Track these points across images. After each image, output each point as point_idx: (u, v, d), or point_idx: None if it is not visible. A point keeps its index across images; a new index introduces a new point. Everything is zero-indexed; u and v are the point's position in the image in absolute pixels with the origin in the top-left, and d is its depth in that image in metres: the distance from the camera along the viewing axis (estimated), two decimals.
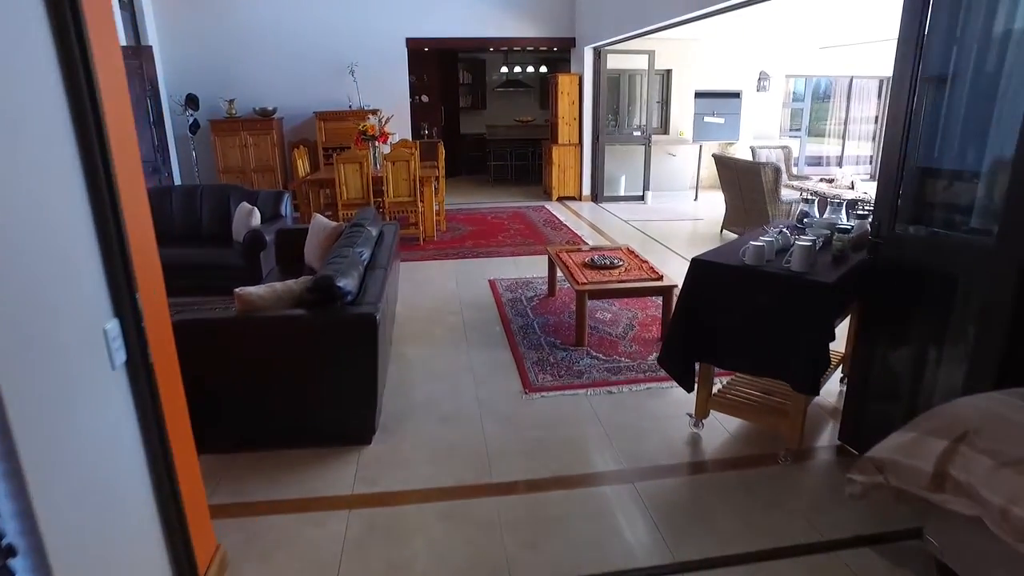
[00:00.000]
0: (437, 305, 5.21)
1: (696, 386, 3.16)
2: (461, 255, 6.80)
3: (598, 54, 9.49)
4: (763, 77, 11.37)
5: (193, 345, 2.39)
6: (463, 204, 9.85)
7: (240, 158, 8.86)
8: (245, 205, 5.60)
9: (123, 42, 7.79)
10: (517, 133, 12.15)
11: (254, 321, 2.89)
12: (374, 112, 8.82)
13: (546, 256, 5.37)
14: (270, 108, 9.06)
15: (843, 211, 3.49)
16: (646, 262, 4.70)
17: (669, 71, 10.43)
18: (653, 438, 3.21)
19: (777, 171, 6.69)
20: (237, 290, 2.95)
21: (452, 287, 5.68)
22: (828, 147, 12.78)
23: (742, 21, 8.79)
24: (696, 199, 10.45)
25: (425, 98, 11.25)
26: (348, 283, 2.98)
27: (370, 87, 9.36)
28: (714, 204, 10.00)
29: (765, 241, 2.99)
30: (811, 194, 7.13)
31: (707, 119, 10.85)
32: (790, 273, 2.81)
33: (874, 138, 12.72)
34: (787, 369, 2.80)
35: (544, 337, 4.48)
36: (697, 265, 3.07)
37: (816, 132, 12.65)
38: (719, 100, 10.86)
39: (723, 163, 7.60)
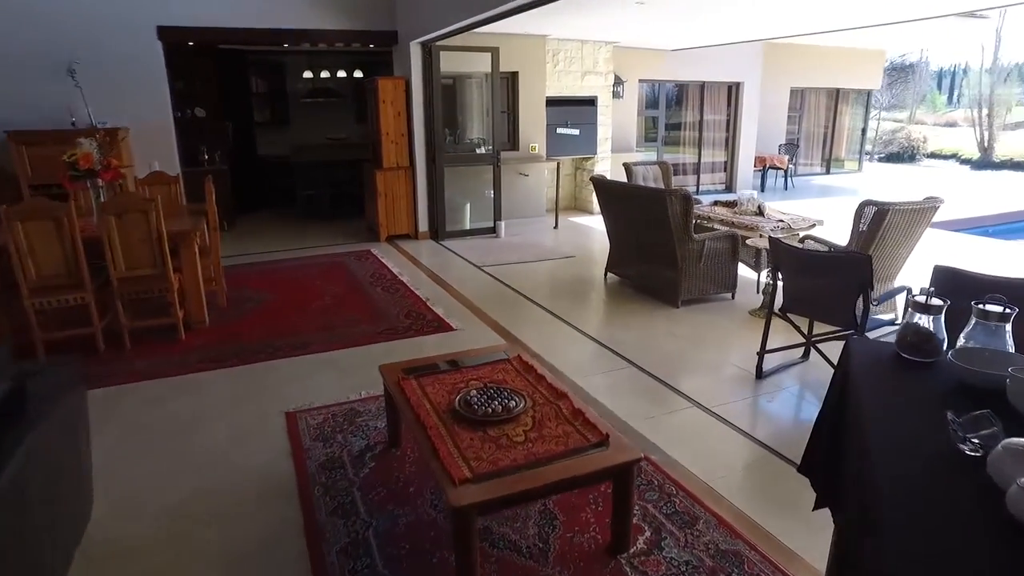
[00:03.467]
0: (183, 503, 2.77)
1: None
2: (245, 356, 4.34)
3: (428, 52, 7.38)
4: (618, 82, 9.93)
5: None
6: (260, 255, 7.25)
7: None
8: None
9: None
10: (331, 154, 9.69)
11: None
12: (110, 132, 6.00)
13: (382, 344, 3.12)
14: None
15: (1008, 334, 1.69)
16: (564, 397, 2.65)
17: (515, 74, 8.61)
18: None
19: (687, 200, 5.00)
20: None
21: (218, 444, 3.25)
22: (684, 155, 11.74)
23: (593, 16, 7.15)
24: (556, 226, 8.70)
25: (200, 112, 8.45)
26: None
27: (106, 96, 6.50)
28: (577, 234, 8.32)
29: None
30: (777, 228, 5.57)
31: (561, 130, 9.18)
32: None
33: (727, 145, 11.89)
34: None
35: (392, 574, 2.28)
36: None
37: (670, 140, 11.54)
38: (573, 108, 9.25)
39: (607, 189, 5.82)
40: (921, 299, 1.79)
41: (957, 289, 3.08)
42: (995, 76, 26.61)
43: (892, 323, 3.65)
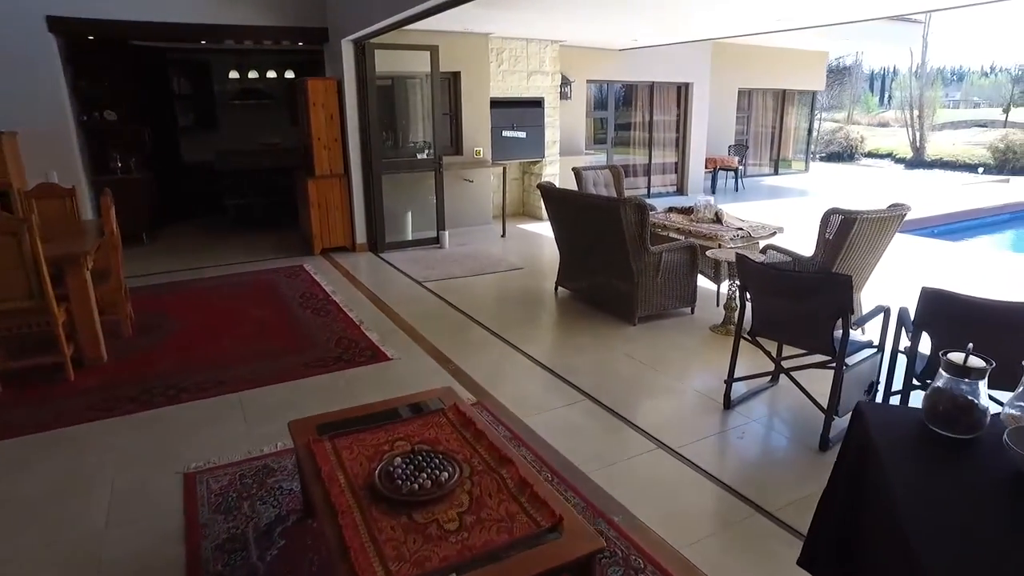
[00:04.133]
0: None
1: None
2: (145, 399, 3.74)
3: (362, 50, 6.84)
4: (565, 83, 9.55)
5: None
6: (180, 273, 6.57)
7: None
8: None
9: None
10: (263, 161, 9.01)
11: None
12: None
13: (308, 380, 2.61)
14: None
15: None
16: (508, 463, 2.19)
17: (457, 74, 8.12)
18: None
19: (642, 210, 4.61)
20: None
21: (91, 526, 2.67)
22: (634, 156, 11.46)
23: (531, 11, 6.74)
24: (504, 235, 8.26)
25: (111, 115, 7.68)
26: None
27: None
28: (526, 242, 7.91)
29: None
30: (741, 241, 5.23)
31: (507, 133, 8.75)
32: None
33: (678, 146, 11.67)
34: None
35: None
36: None
37: (620, 141, 11.25)
38: (519, 110, 8.83)
39: (556, 198, 5.40)
40: (957, 358, 1.39)
41: (948, 314, 2.77)
42: (923, 80, 27.47)
43: (870, 345, 3.32)
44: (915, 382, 2.92)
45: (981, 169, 19.94)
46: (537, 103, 9.01)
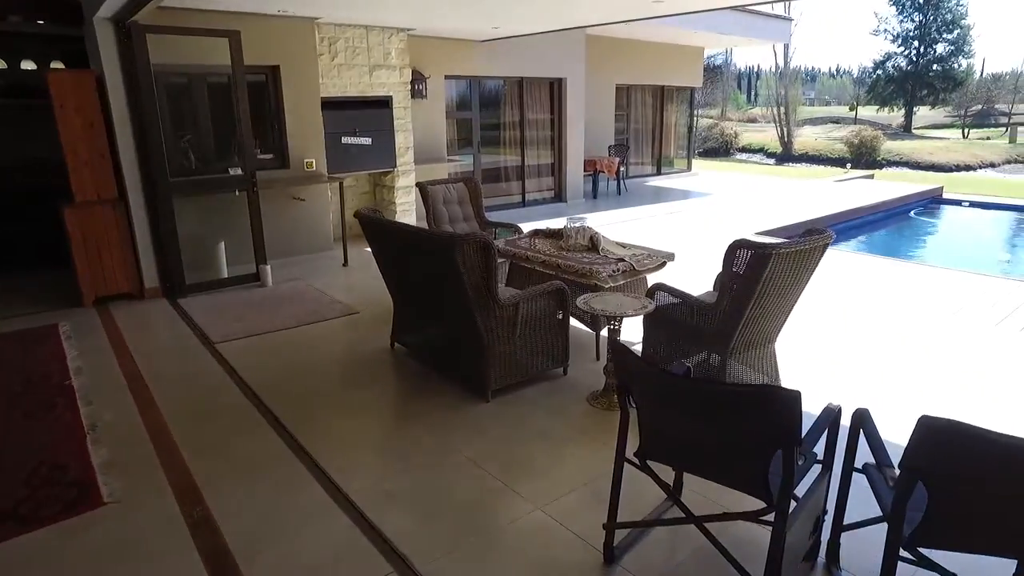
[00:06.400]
0: None
1: None
2: None
3: (126, 33, 5.14)
4: (418, 79, 8.17)
5: None
6: None
7: None
8: None
9: None
10: (23, 181, 6.95)
11: None
12: None
13: None
14: None
15: None
16: None
17: (276, 68, 6.55)
18: None
19: (486, 251, 3.31)
20: None
21: None
22: (506, 157, 10.26)
23: None
24: (346, 263, 6.78)
25: None
26: None
27: None
28: (372, 272, 6.44)
29: None
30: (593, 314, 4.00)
31: (347, 140, 7.27)
32: None
33: (553, 146, 10.60)
34: None
35: None
36: None
37: (489, 141, 10.01)
38: (361, 111, 7.38)
39: (375, 230, 4.00)
40: None
41: (959, 458, 1.65)
42: (787, 79, 28.45)
43: (815, 461, 2.18)
44: (903, 552, 1.78)
45: (849, 165, 20.46)
46: (383, 103, 7.57)
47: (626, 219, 9.29)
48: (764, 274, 3.11)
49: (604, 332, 3.98)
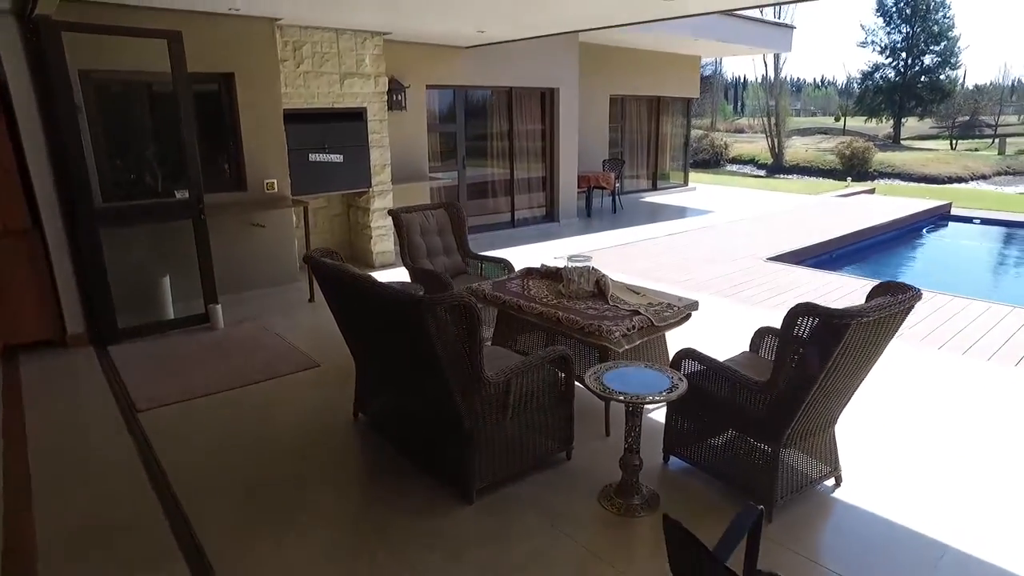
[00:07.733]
0: None
1: None
2: None
3: (34, 31, 4.29)
4: (396, 88, 7.37)
5: None
6: None
7: None
8: None
9: None
10: None
11: None
12: None
13: None
14: None
15: None
16: None
17: (230, 76, 5.72)
18: None
19: (469, 315, 2.49)
20: None
21: None
22: (494, 170, 9.47)
23: None
24: (312, 298, 5.93)
25: None
26: None
27: None
28: None
29: None
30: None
31: (315, 157, 6.46)
32: None
33: (544, 157, 9.83)
34: None
35: None
36: None
37: (476, 153, 9.22)
38: (331, 125, 6.57)
39: (328, 278, 3.17)
40: None
41: None
42: (778, 89, 28.01)
43: None
44: None
45: (849, 179, 19.86)
46: (357, 115, 6.75)
47: (624, 241, 8.52)
48: (837, 349, 2.33)
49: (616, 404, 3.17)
